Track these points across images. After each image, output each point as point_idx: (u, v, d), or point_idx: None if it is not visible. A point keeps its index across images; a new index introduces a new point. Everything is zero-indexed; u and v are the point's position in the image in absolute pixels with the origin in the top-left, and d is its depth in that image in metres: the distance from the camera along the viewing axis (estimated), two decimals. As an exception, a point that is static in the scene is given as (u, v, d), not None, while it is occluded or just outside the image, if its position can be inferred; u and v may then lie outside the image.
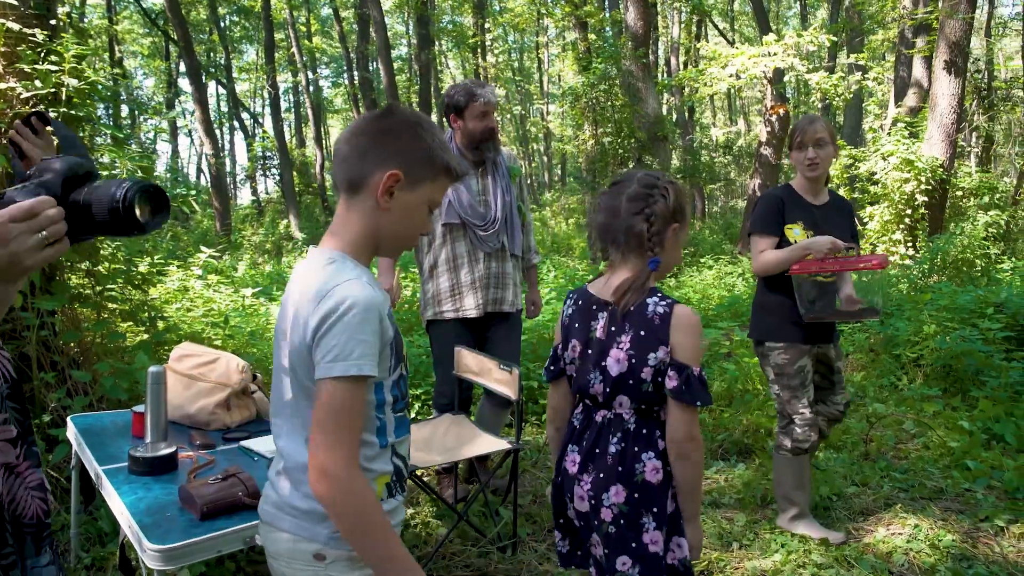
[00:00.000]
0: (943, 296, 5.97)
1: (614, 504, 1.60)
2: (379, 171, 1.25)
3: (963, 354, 4.80)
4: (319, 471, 1.16)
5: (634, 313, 1.59)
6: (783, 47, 9.54)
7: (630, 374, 1.58)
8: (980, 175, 11.81)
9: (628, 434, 1.61)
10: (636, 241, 1.62)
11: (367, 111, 1.26)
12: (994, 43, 17.02)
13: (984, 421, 4.07)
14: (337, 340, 1.16)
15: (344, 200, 1.29)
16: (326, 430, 1.16)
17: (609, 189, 1.70)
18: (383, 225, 1.27)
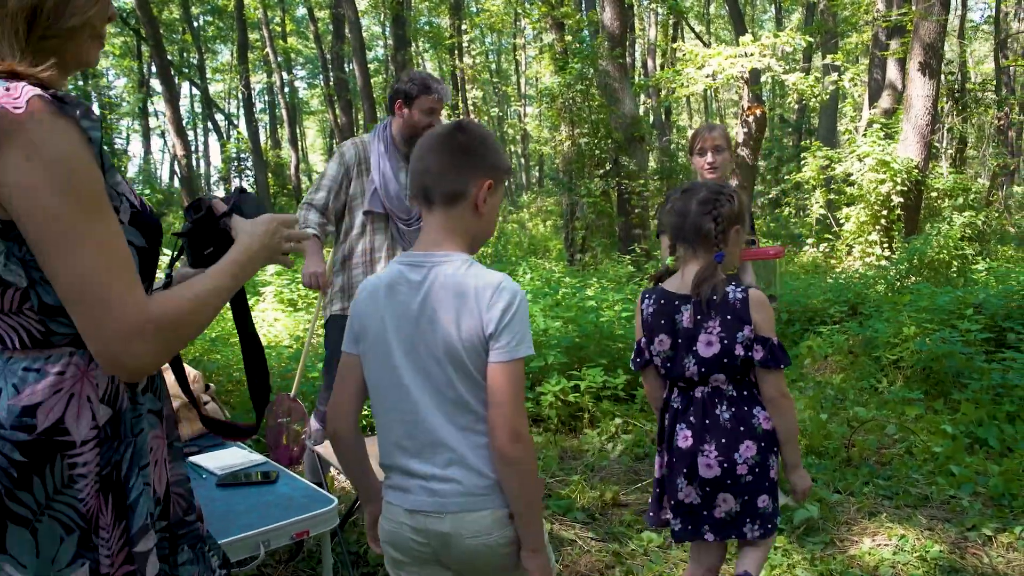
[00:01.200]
0: (922, 297, 5.92)
1: (748, 458, 1.87)
2: (475, 182, 1.43)
3: (944, 356, 4.73)
4: (514, 435, 1.35)
5: (718, 302, 1.85)
6: (760, 47, 9.48)
7: (724, 354, 1.85)
8: (954, 176, 11.88)
9: (733, 400, 1.89)
10: (704, 238, 1.88)
11: (445, 129, 1.48)
12: (967, 44, 17.21)
13: (967, 425, 3.99)
14: (519, 327, 1.37)
15: (442, 210, 1.45)
16: (515, 401, 1.36)
17: (680, 195, 1.96)
18: (480, 227, 1.48)
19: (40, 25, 0.98)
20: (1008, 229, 13.84)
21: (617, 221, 11.64)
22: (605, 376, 4.58)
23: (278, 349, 5.55)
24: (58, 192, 0.92)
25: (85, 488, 1.02)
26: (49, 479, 1.01)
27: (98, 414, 1.04)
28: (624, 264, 9.98)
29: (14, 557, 0.99)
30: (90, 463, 1.03)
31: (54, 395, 1.02)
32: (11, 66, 0.95)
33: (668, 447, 1.97)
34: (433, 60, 35.16)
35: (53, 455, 1.01)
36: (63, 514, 1.02)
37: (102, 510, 1.05)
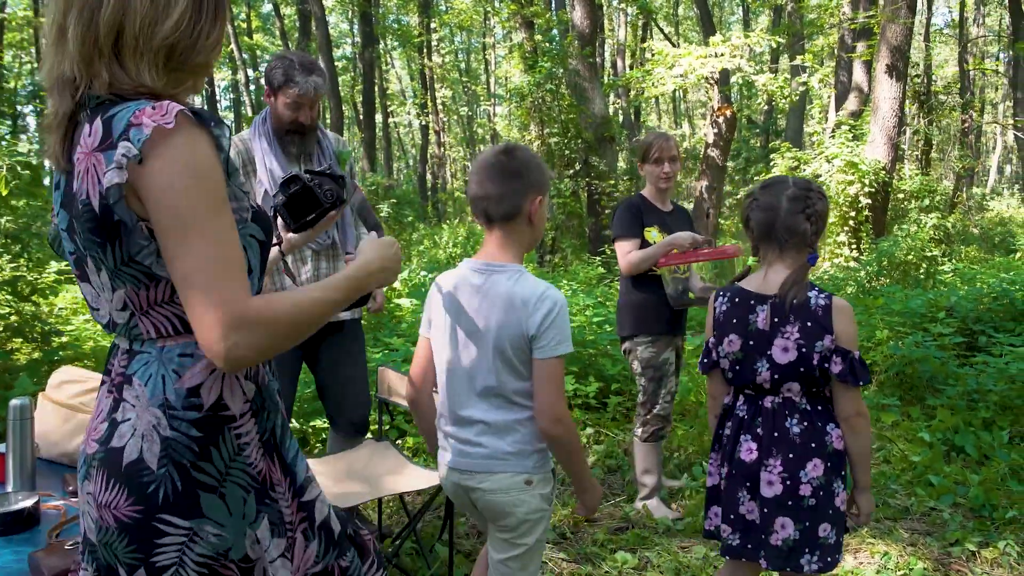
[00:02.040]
0: (894, 300, 5.88)
1: (813, 478, 1.75)
2: (528, 200, 1.69)
3: (918, 360, 4.67)
4: (555, 418, 1.65)
5: (798, 306, 1.75)
6: (730, 48, 9.44)
7: (801, 362, 1.74)
8: (920, 178, 11.97)
9: (806, 414, 1.77)
10: (798, 239, 1.79)
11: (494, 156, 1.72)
12: (933, 45, 17.44)
13: (943, 432, 3.92)
14: (557, 331, 1.64)
15: (500, 226, 1.71)
16: (555, 391, 1.65)
17: (763, 190, 1.86)
18: (532, 235, 1.75)
19: (175, 59, 1.11)
20: (972, 230, 14.04)
21: (587, 222, 11.54)
22: (576, 384, 4.44)
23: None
24: (189, 189, 1.02)
25: (252, 454, 1.16)
26: (224, 449, 1.13)
27: (246, 389, 1.16)
28: (594, 265, 9.87)
29: (211, 518, 1.11)
30: (251, 432, 1.16)
31: (210, 375, 1.13)
32: (153, 89, 1.09)
33: (729, 459, 1.86)
34: (402, 58, 34.83)
35: (221, 428, 1.13)
36: (240, 478, 1.14)
37: (271, 470, 1.19)
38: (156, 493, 1.09)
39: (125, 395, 1.13)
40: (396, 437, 3.91)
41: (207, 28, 1.13)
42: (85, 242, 1.10)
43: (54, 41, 1.10)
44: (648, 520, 3.20)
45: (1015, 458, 3.59)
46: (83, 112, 1.10)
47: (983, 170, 29.52)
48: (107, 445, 1.12)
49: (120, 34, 1.07)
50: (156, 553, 1.10)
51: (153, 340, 1.13)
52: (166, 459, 1.09)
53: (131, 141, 1.02)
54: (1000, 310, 5.73)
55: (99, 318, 1.19)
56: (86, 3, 1.07)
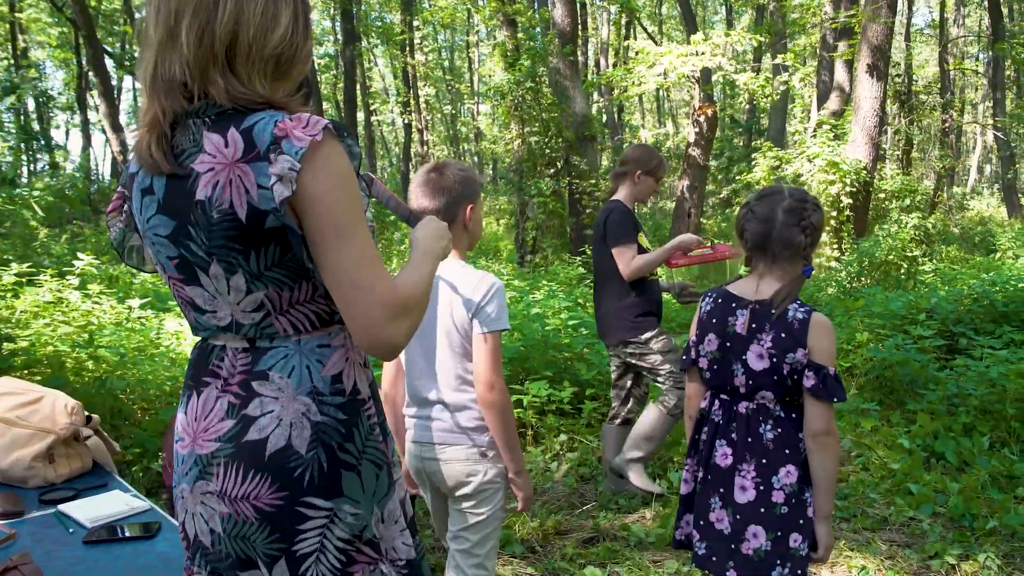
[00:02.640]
0: (875, 302, 5.81)
1: (786, 484, 1.72)
2: (461, 209, 1.92)
3: (898, 363, 4.59)
4: (489, 385, 1.82)
5: (775, 317, 1.74)
6: (711, 46, 9.36)
7: (773, 371, 1.72)
8: (901, 178, 11.97)
9: (780, 420, 1.75)
10: (792, 251, 1.78)
11: (424, 168, 2.03)
12: (913, 46, 17.48)
13: (923, 438, 3.84)
14: (494, 308, 1.83)
15: None
16: (490, 361, 1.82)
17: (759, 200, 1.84)
18: (469, 236, 1.98)
19: (280, 69, 1.17)
20: (952, 230, 14.07)
21: (568, 222, 11.43)
22: (550, 389, 4.32)
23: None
24: (340, 198, 1.11)
25: (378, 434, 1.25)
26: (361, 429, 1.22)
27: (367, 376, 1.27)
28: (574, 266, 9.76)
29: (349, 497, 1.18)
30: (375, 414, 1.26)
31: (346, 363, 1.22)
32: (266, 98, 1.13)
33: (705, 463, 1.84)
34: (385, 56, 34.58)
35: (359, 411, 1.22)
36: (373, 456, 1.23)
37: (387, 449, 1.27)
38: (302, 476, 1.15)
39: (260, 390, 1.17)
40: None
41: (302, 39, 1.20)
42: (216, 248, 1.13)
43: (161, 42, 1.12)
44: (621, 531, 3.10)
45: (995, 465, 3.52)
46: (195, 119, 1.13)
47: (963, 170, 29.75)
48: (240, 440, 1.16)
49: (233, 43, 1.12)
50: (298, 541, 1.16)
51: (288, 336, 1.19)
52: (316, 442, 1.17)
53: (288, 155, 1.08)
54: (980, 311, 5.68)
55: (207, 320, 1.22)
56: (201, 9, 1.11)
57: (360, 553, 1.20)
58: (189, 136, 1.13)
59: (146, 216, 1.18)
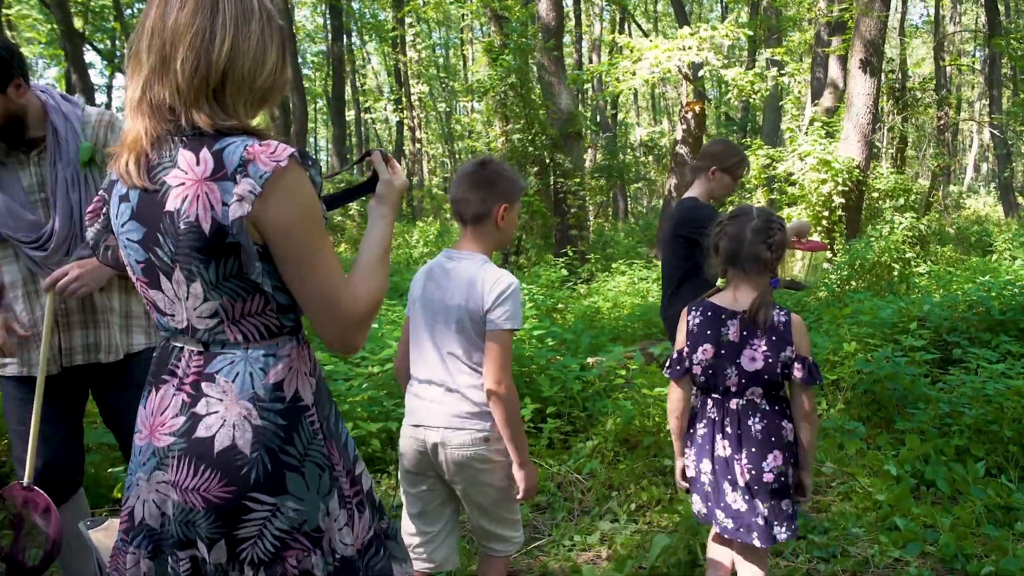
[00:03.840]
0: (864, 310, 5.47)
1: (774, 467, 2.03)
2: (496, 206, 2.01)
3: (887, 378, 4.26)
4: (497, 379, 1.92)
5: (764, 323, 2.01)
6: (698, 40, 9.02)
7: (766, 370, 2.00)
8: (895, 176, 11.64)
9: (766, 413, 2.03)
10: (761, 265, 2.04)
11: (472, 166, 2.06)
12: (908, 41, 17.15)
13: (912, 463, 3.51)
14: (508, 308, 1.93)
15: (471, 227, 2.03)
16: (500, 358, 1.93)
17: (731, 220, 2.09)
18: (500, 236, 2.07)
19: (264, 99, 1.29)
20: (947, 230, 13.75)
21: (552, 221, 11.09)
22: (511, 406, 3.97)
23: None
24: (304, 222, 1.22)
25: (321, 438, 1.34)
26: (303, 434, 1.31)
27: (311, 384, 1.35)
28: (557, 268, 9.43)
29: (293, 494, 1.28)
30: (317, 420, 1.34)
31: (289, 372, 1.31)
32: (246, 125, 1.25)
33: (711, 457, 2.11)
34: (379, 53, 34.19)
35: (300, 417, 1.31)
36: (316, 458, 1.32)
37: (332, 452, 1.37)
38: (248, 474, 1.24)
39: (207, 391, 1.26)
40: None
41: (282, 71, 1.30)
42: (180, 256, 1.22)
43: (153, 69, 1.20)
44: (572, 574, 2.76)
45: (991, 495, 3.19)
46: (174, 136, 1.22)
47: (959, 168, 29.45)
48: (190, 436, 1.25)
49: (226, 76, 1.21)
50: (239, 527, 1.25)
51: (238, 344, 1.28)
52: (258, 444, 1.25)
53: (252, 178, 1.18)
54: (975, 320, 5.35)
55: (167, 322, 1.31)
56: (197, 39, 1.19)
57: (296, 541, 1.29)
58: (166, 151, 1.22)
59: (121, 221, 1.29)
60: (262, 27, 1.24)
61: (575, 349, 5.10)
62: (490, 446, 1.97)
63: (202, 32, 1.19)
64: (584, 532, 3.11)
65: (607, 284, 9.23)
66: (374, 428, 3.67)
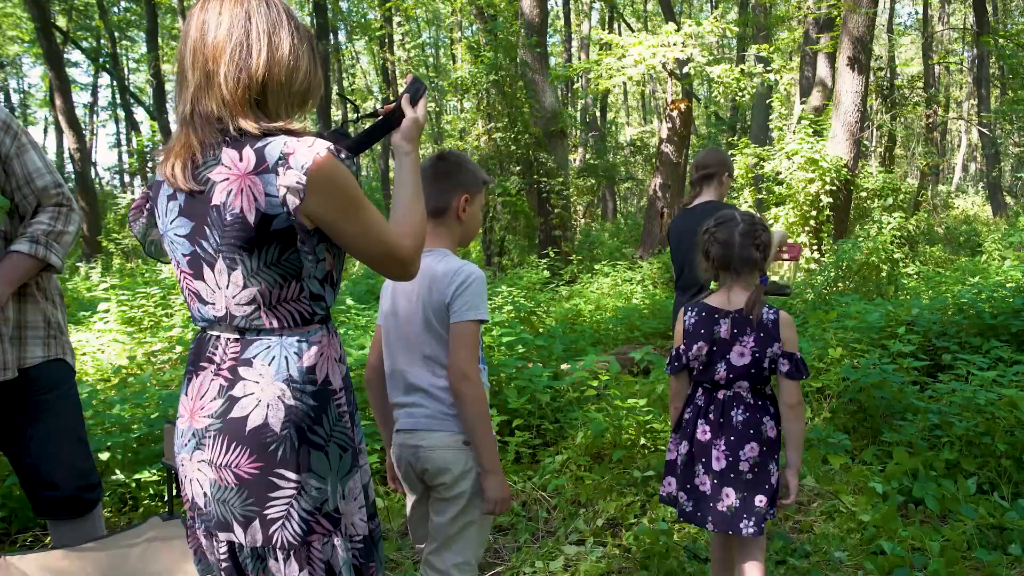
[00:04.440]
0: (851, 313, 5.27)
1: (750, 457, 2.11)
2: (455, 197, 1.93)
3: (874, 386, 4.05)
4: (461, 375, 1.82)
5: (754, 321, 2.13)
6: (683, 37, 8.81)
7: (754, 365, 2.11)
8: (883, 176, 11.46)
9: (749, 406, 2.13)
10: (751, 265, 2.17)
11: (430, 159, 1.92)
12: (896, 38, 17.00)
13: (899, 479, 3.30)
14: (470, 298, 1.84)
15: (433, 220, 1.90)
16: (464, 351, 1.83)
17: (718, 227, 2.19)
18: (463, 229, 1.98)
19: (303, 101, 1.43)
20: (936, 230, 13.61)
21: (536, 222, 10.86)
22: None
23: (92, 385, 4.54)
24: (351, 201, 1.36)
25: (348, 421, 1.46)
26: (330, 415, 1.42)
27: (341, 370, 1.47)
28: (540, 269, 9.20)
29: (316, 472, 1.38)
30: (345, 403, 1.46)
31: (320, 358, 1.42)
32: (287, 125, 1.36)
33: (690, 439, 2.19)
34: (367, 52, 33.89)
35: (329, 399, 1.43)
36: (340, 440, 1.43)
37: (355, 436, 1.48)
38: (276, 451, 1.36)
39: (244, 375, 1.37)
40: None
41: (316, 72, 1.43)
42: (225, 246, 1.34)
43: (199, 83, 1.33)
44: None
45: (983, 514, 2.98)
46: (218, 142, 1.34)
47: (948, 168, 29.38)
48: (226, 417, 1.37)
49: (266, 84, 1.35)
50: (268, 506, 1.36)
51: (273, 330, 1.39)
52: (288, 423, 1.36)
53: (295, 169, 1.31)
54: (966, 323, 5.15)
55: (207, 311, 1.41)
56: (237, 53, 1.33)
57: (319, 524, 1.39)
58: (211, 153, 1.33)
59: (170, 218, 1.39)
60: (291, 35, 1.37)
61: (548, 356, 4.87)
62: (470, 450, 1.86)
63: (239, 46, 1.32)
64: (547, 557, 2.88)
65: (590, 286, 9.01)
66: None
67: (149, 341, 5.35)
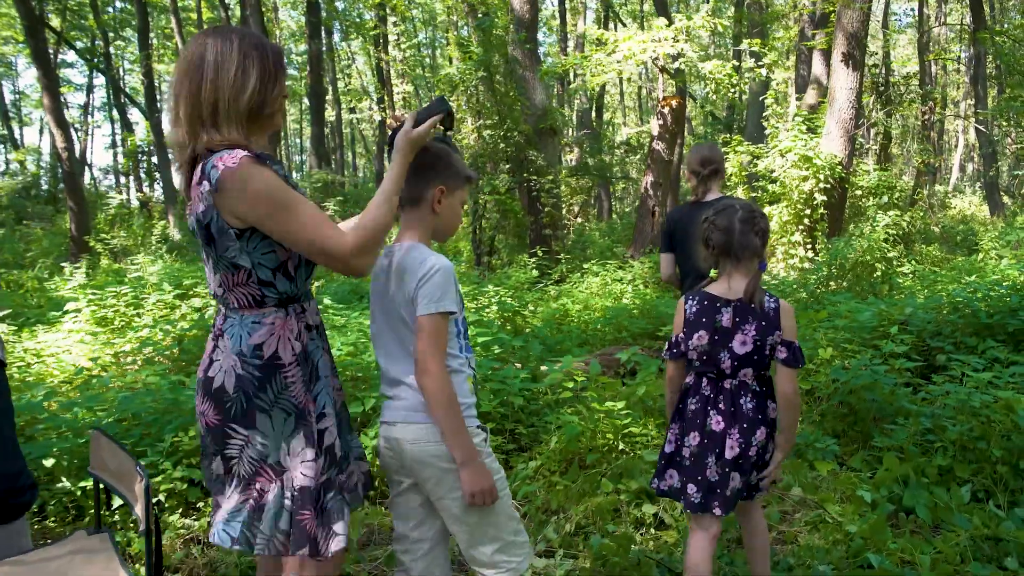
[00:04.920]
0: (842, 312, 5.10)
1: (759, 441, 2.20)
2: (430, 188, 1.91)
3: (864, 388, 3.88)
4: (422, 369, 1.80)
5: (755, 309, 2.17)
6: (674, 31, 8.63)
7: (756, 352, 2.16)
8: (879, 173, 11.29)
9: (756, 393, 2.20)
10: (752, 252, 2.20)
11: None
12: (891, 34, 16.83)
13: (889, 486, 3.13)
14: (433, 290, 1.80)
15: (407, 210, 1.93)
16: (427, 344, 1.79)
17: (717, 215, 2.23)
18: (439, 223, 1.95)
19: (253, 117, 1.69)
20: (932, 229, 13.44)
21: (526, 221, 10.67)
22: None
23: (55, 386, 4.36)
24: (266, 203, 1.60)
25: (296, 390, 1.71)
26: (274, 385, 1.70)
27: (294, 347, 1.72)
28: (529, 268, 9.02)
29: (260, 430, 1.70)
30: (296, 376, 1.71)
31: (270, 337, 1.70)
32: (234, 140, 1.65)
33: (700, 430, 2.21)
34: (363, 53, 33.71)
35: (275, 372, 1.70)
36: (284, 406, 1.70)
37: (309, 405, 1.73)
38: (230, 409, 1.70)
39: (219, 344, 1.72)
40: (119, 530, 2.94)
41: (271, 88, 1.70)
42: (200, 243, 1.70)
43: (172, 120, 1.68)
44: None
45: (977, 525, 2.81)
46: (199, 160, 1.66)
47: (945, 168, 29.22)
48: (205, 375, 1.73)
49: (215, 107, 1.64)
50: (226, 447, 1.72)
51: (237, 309, 1.72)
52: (238, 388, 1.68)
53: (209, 180, 1.60)
54: (961, 323, 4.98)
55: (211, 291, 1.79)
56: (189, 91, 1.64)
57: (263, 471, 1.72)
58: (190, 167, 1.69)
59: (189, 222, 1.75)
60: (242, 58, 1.64)
61: (526, 357, 4.69)
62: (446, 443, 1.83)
63: (191, 81, 1.63)
64: None
65: (579, 285, 8.83)
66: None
67: (117, 342, 5.17)
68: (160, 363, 4.70)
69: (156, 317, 5.51)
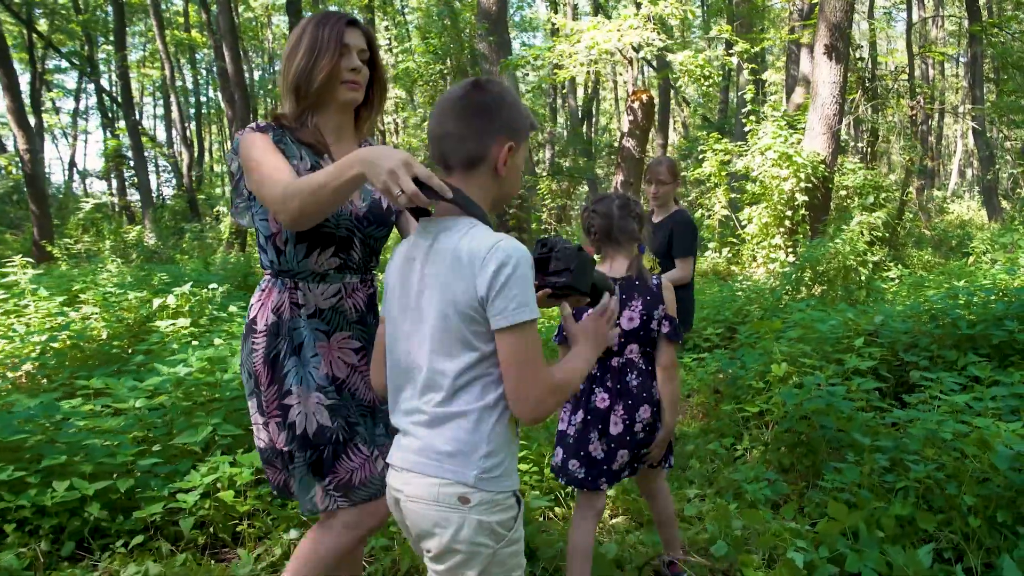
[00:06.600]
0: (799, 322, 4.46)
1: (644, 419, 2.29)
2: (496, 145, 1.43)
3: (818, 413, 3.25)
4: (535, 404, 1.34)
5: (640, 286, 2.30)
6: (641, 19, 8.04)
7: (642, 327, 2.28)
8: (865, 172, 10.67)
9: (642, 371, 2.30)
10: (630, 235, 2.32)
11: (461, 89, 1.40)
12: (878, 23, 16.24)
13: (833, 542, 2.49)
14: (516, 290, 1.32)
15: (460, 176, 1.44)
16: (523, 368, 1.32)
17: (597, 203, 2.37)
18: (501, 190, 1.49)
19: (302, 93, 1.80)
20: (923, 231, 12.80)
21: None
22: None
23: None
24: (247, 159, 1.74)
25: (256, 358, 1.81)
26: (246, 347, 1.85)
27: (268, 318, 1.81)
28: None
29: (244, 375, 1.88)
30: (260, 345, 1.81)
31: (257, 301, 1.85)
32: (275, 114, 1.86)
33: (584, 407, 2.29)
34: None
35: (248, 335, 1.85)
36: (248, 368, 1.84)
37: (263, 375, 1.80)
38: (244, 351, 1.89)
39: None
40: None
41: (314, 67, 1.77)
42: None
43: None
44: None
45: (940, 601, 2.17)
46: None
47: (944, 173, 28.60)
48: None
49: (282, 85, 1.85)
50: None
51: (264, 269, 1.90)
52: (247, 340, 1.87)
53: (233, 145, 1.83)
54: (939, 334, 4.35)
55: None
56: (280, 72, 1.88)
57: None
58: None
59: None
60: (300, 36, 1.79)
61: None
62: (469, 512, 1.34)
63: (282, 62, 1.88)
64: None
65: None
66: (91, 490, 2.63)
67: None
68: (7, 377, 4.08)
69: (37, 324, 4.88)
